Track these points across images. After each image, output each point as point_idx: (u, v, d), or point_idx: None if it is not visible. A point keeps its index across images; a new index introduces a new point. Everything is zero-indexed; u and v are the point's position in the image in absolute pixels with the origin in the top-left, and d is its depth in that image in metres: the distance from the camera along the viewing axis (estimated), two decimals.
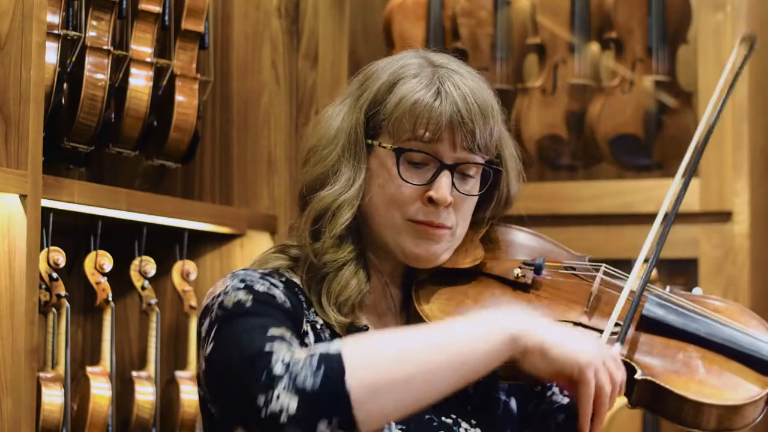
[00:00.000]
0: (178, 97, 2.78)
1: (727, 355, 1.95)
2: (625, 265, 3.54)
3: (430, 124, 1.88)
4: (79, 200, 2.44)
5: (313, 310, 1.92)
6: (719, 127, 3.38)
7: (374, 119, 1.93)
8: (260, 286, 1.86)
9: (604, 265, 2.07)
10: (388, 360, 1.70)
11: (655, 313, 1.98)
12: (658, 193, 3.46)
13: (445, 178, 1.90)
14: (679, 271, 3.57)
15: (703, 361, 1.95)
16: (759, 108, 3.46)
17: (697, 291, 2.14)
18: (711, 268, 3.34)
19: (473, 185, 1.95)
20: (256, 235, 3.01)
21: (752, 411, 1.91)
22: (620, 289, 2.02)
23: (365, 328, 1.93)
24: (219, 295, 1.85)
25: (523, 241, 2.11)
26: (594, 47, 3.72)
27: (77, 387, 2.65)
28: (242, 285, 1.85)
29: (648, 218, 3.46)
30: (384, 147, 1.91)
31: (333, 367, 1.67)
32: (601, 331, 1.93)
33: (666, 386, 1.88)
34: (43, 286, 2.49)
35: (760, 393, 1.91)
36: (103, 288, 2.65)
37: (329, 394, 1.66)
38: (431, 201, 1.90)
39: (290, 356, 1.70)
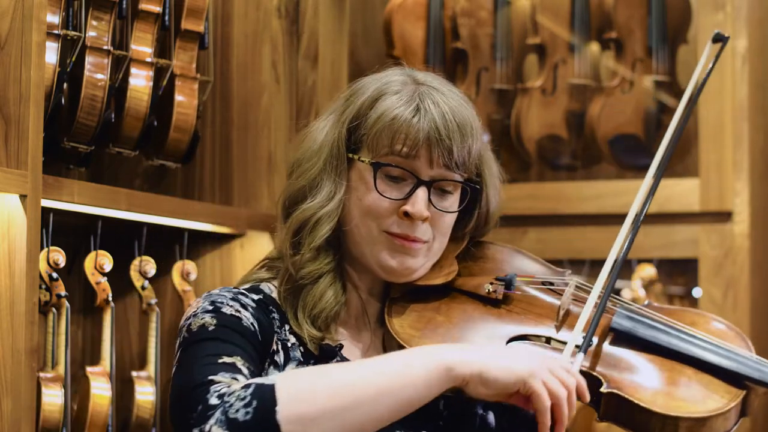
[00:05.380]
0: (178, 97, 2.78)
1: (696, 367, 1.95)
2: (625, 265, 3.54)
3: (408, 140, 1.91)
4: (79, 200, 2.44)
5: (287, 327, 1.95)
6: (719, 127, 3.39)
7: (356, 133, 1.96)
8: (228, 309, 1.89)
9: (575, 279, 2.06)
10: (320, 392, 1.70)
11: (623, 325, 1.98)
12: (658, 193, 3.46)
13: (421, 193, 1.93)
14: (679, 271, 3.57)
15: (671, 373, 1.94)
16: (759, 108, 3.46)
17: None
18: (711, 268, 3.34)
19: (452, 202, 1.98)
20: (256, 235, 3.01)
21: (721, 423, 1.90)
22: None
23: (339, 347, 1.96)
24: (189, 318, 1.90)
25: (501, 256, 2.12)
26: (594, 47, 3.72)
27: (77, 387, 2.65)
28: (211, 307, 1.89)
29: (648, 218, 3.47)
30: (363, 161, 1.94)
31: (265, 399, 1.68)
32: (567, 344, 1.92)
33: (632, 399, 1.88)
34: (43, 286, 2.48)
35: (727, 405, 1.90)
36: (103, 288, 2.65)
37: (260, 426, 1.67)
38: (407, 215, 1.93)
39: (227, 388, 1.72)
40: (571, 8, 3.67)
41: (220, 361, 1.79)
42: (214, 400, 1.70)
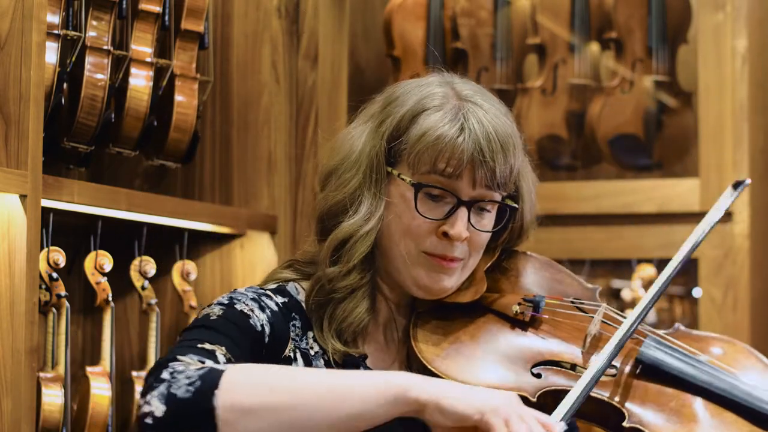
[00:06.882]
0: (178, 97, 2.78)
1: (721, 404, 1.93)
2: (625, 265, 3.55)
3: (452, 160, 1.88)
4: (79, 200, 2.44)
5: (311, 334, 1.93)
6: (719, 127, 3.39)
7: (395, 147, 1.92)
8: (241, 306, 1.88)
9: (604, 304, 2.04)
10: (263, 386, 1.68)
11: (650, 357, 1.95)
12: (658, 193, 3.47)
13: (461, 214, 1.90)
14: (679, 271, 3.56)
15: (695, 410, 1.92)
16: (759, 108, 3.46)
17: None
18: (711, 268, 3.34)
19: (489, 220, 1.95)
20: (256, 235, 3.01)
21: None
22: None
23: (363, 357, 1.94)
24: (204, 307, 1.90)
25: (533, 269, 2.10)
26: (594, 47, 3.72)
27: (77, 387, 2.65)
28: (226, 302, 1.89)
29: (648, 218, 3.49)
30: (404, 179, 1.91)
31: (209, 381, 1.66)
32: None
33: None
34: (43, 286, 2.48)
35: None
36: (103, 288, 2.65)
37: (197, 406, 1.65)
38: (446, 235, 1.90)
39: (184, 366, 1.70)
40: (571, 8, 3.67)
41: (199, 345, 1.77)
42: (165, 375, 1.68)
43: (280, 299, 1.94)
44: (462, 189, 1.90)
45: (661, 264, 3.49)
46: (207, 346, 1.77)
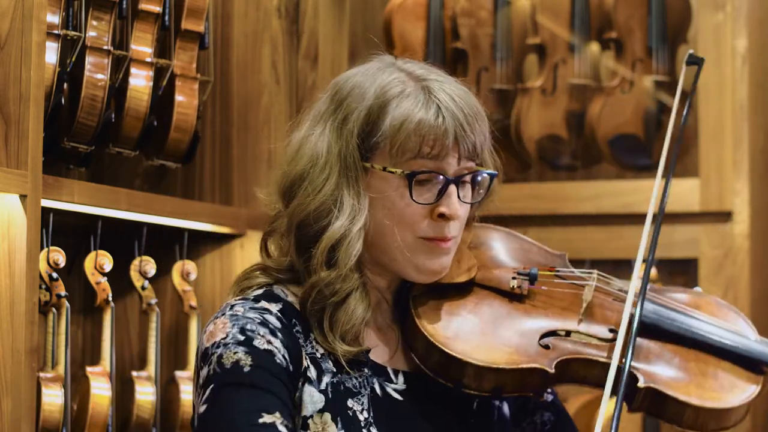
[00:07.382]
0: (178, 97, 2.78)
1: (718, 355, 1.98)
2: (625, 265, 3.54)
3: (437, 142, 1.88)
4: (79, 200, 2.45)
5: (312, 337, 1.90)
6: (719, 127, 3.39)
7: (367, 141, 1.90)
8: (260, 341, 1.83)
9: (596, 271, 2.07)
10: None
11: (650, 318, 1.99)
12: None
13: (452, 192, 1.90)
14: (679, 271, 3.57)
15: (698, 363, 1.97)
16: (759, 108, 3.46)
17: (697, 291, 2.15)
18: (711, 268, 3.34)
19: (469, 191, 1.95)
20: (256, 235, 3.01)
21: (745, 408, 1.95)
22: (613, 294, 2.03)
23: (367, 351, 1.93)
24: (218, 345, 1.84)
25: (501, 241, 2.10)
26: (594, 47, 3.72)
27: (77, 387, 2.65)
28: (242, 338, 1.83)
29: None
30: (392, 171, 1.89)
31: None
32: (594, 337, 1.94)
33: (669, 393, 1.90)
34: (43, 286, 2.48)
35: (754, 391, 1.95)
36: (103, 288, 2.65)
37: None
38: (441, 216, 1.90)
39: None
40: (571, 8, 3.67)
41: (260, 421, 1.74)
42: None
43: (275, 307, 1.91)
44: (448, 167, 1.90)
45: (661, 264, 3.50)
46: (267, 419, 1.75)
